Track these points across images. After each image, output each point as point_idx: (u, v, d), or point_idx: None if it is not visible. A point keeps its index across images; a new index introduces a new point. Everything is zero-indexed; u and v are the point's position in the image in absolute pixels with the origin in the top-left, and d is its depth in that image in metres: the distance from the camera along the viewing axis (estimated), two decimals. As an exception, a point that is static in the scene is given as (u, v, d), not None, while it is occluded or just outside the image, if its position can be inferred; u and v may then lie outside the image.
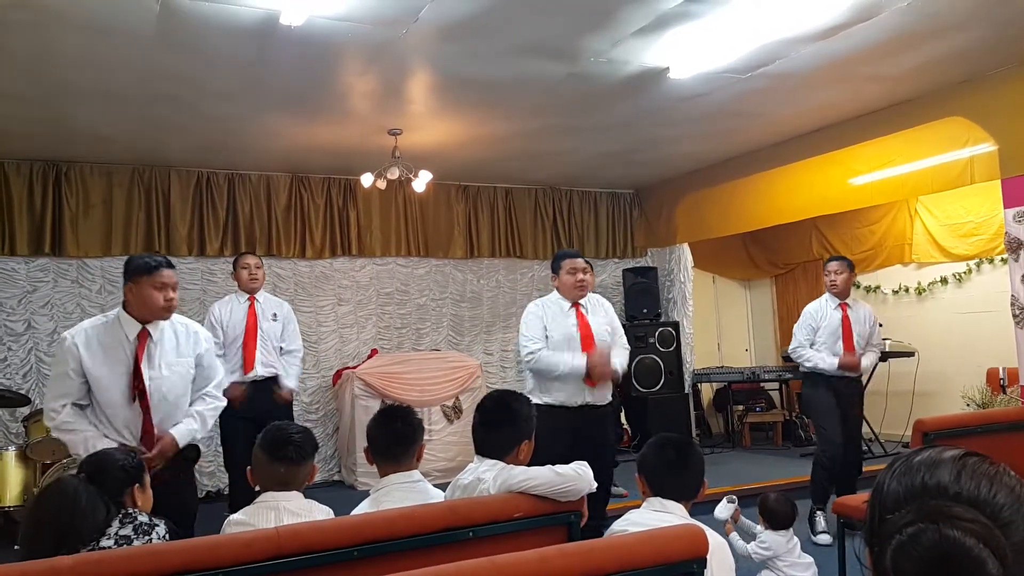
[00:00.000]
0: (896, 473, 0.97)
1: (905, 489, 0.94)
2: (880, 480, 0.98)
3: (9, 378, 6.31)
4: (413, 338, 7.92)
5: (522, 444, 2.57)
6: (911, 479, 0.94)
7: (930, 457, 0.96)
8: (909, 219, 7.81)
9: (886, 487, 0.96)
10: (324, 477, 7.16)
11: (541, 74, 4.98)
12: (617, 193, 8.92)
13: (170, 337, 3.33)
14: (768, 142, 6.96)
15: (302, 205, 7.38)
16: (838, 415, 5.00)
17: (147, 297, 3.18)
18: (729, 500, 3.78)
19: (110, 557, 1.83)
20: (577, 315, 4.32)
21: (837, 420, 5.00)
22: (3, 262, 6.38)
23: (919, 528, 0.88)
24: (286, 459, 2.46)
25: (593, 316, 4.38)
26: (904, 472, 0.96)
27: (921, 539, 0.88)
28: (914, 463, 0.96)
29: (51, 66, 4.51)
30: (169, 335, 3.33)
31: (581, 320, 4.31)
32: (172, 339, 3.33)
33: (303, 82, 4.96)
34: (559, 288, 4.41)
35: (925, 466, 0.95)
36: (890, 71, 5.21)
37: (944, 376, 7.26)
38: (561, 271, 4.39)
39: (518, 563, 1.57)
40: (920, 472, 0.94)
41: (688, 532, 1.81)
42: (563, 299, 4.38)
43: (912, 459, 0.97)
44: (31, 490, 5.36)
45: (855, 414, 5.22)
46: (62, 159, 6.49)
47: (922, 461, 0.96)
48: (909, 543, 0.88)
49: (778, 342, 9.42)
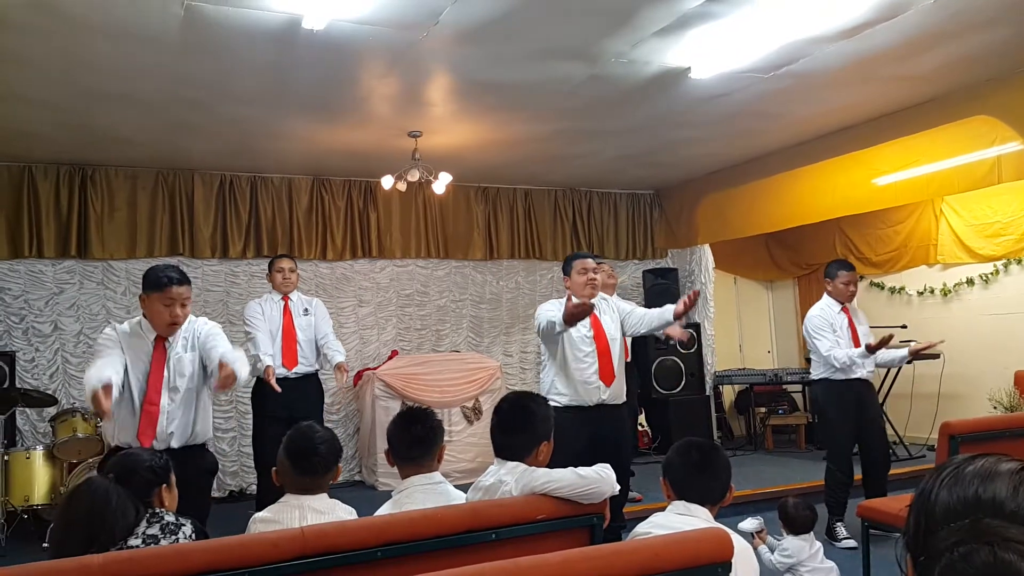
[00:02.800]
0: (946, 482, 0.92)
1: (957, 500, 0.89)
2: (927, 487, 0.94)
3: (37, 378, 6.40)
4: (433, 339, 7.94)
5: (541, 445, 2.55)
6: (963, 490, 0.90)
7: (984, 468, 0.91)
8: (934, 219, 7.72)
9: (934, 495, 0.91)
10: (345, 477, 7.20)
11: (561, 76, 4.98)
12: (637, 194, 8.89)
13: (182, 338, 3.47)
14: (791, 142, 6.91)
15: (323, 207, 7.43)
16: (855, 426, 4.92)
17: (155, 313, 3.35)
18: (754, 518, 3.78)
19: (138, 556, 1.85)
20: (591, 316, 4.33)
21: (853, 434, 4.94)
22: (31, 264, 6.48)
23: (972, 548, 0.84)
24: (309, 471, 2.48)
25: (605, 316, 4.41)
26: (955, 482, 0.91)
27: (974, 560, 0.84)
28: (966, 472, 0.91)
29: (77, 72, 4.57)
30: (182, 336, 3.47)
31: (594, 320, 4.33)
32: (184, 340, 3.47)
33: (324, 86, 4.99)
34: (571, 289, 4.45)
35: (979, 478, 0.90)
36: (915, 70, 5.16)
37: (970, 379, 7.16)
38: (572, 271, 4.45)
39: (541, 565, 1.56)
40: (973, 484, 0.89)
41: (713, 535, 1.79)
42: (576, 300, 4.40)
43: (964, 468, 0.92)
44: (58, 489, 5.43)
45: (876, 414, 5.15)
46: (88, 162, 6.57)
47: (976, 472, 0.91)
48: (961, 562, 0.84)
49: (801, 344, 9.33)
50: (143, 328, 3.39)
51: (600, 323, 4.36)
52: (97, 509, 2.13)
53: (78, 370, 6.51)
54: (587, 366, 4.28)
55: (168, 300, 3.32)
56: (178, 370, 3.39)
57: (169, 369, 3.37)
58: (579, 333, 4.29)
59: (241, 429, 6.98)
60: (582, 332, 4.30)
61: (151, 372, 3.33)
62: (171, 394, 3.36)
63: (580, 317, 4.03)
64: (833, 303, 5.10)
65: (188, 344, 3.46)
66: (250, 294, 6.84)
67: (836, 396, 4.96)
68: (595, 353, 4.29)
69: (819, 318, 5.07)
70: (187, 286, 3.40)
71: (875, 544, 3.84)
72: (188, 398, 3.41)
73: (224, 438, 6.95)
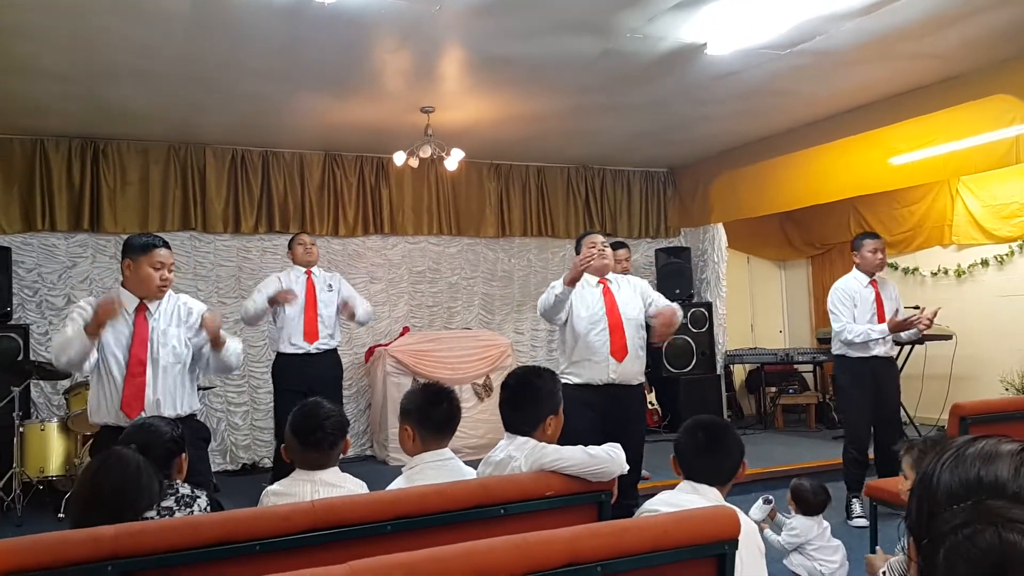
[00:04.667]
0: (947, 464, 0.92)
1: (959, 482, 0.89)
2: (929, 469, 0.94)
3: (50, 351, 6.44)
4: (444, 316, 7.95)
5: (548, 419, 2.55)
6: (965, 472, 0.89)
7: (985, 449, 0.91)
8: (950, 200, 7.64)
9: (936, 477, 0.91)
10: (357, 452, 7.26)
11: (575, 51, 4.93)
12: (651, 172, 8.84)
13: (166, 311, 3.44)
14: (806, 120, 6.84)
15: (335, 183, 7.42)
16: (870, 404, 4.88)
17: (144, 276, 3.33)
18: (766, 501, 3.75)
19: (151, 528, 1.86)
20: (604, 291, 4.31)
21: (868, 412, 4.89)
22: (44, 238, 6.52)
23: (976, 529, 0.84)
24: (316, 446, 2.49)
25: (621, 293, 4.36)
26: (956, 464, 0.91)
27: (978, 542, 0.84)
28: (967, 454, 0.91)
29: (89, 46, 4.56)
30: (165, 308, 3.44)
31: (608, 295, 4.30)
32: (168, 314, 3.44)
33: (336, 60, 4.96)
34: None
35: (980, 459, 0.90)
36: (932, 48, 5.09)
37: (983, 360, 7.13)
38: (583, 249, 4.39)
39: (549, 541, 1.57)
40: (975, 466, 0.89)
41: (720, 513, 1.79)
42: (588, 276, 4.38)
43: (965, 450, 0.92)
44: (72, 460, 5.50)
45: (893, 393, 5.08)
46: (100, 136, 6.58)
47: (977, 453, 0.91)
48: (965, 544, 0.84)
49: (813, 323, 9.31)
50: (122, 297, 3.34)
51: (614, 299, 4.30)
52: (131, 484, 2.11)
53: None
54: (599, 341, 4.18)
55: (157, 263, 3.33)
56: (162, 342, 3.37)
57: (153, 341, 3.35)
58: (589, 310, 4.26)
59: (253, 404, 7.03)
60: (593, 308, 4.27)
61: (134, 342, 3.30)
62: (154, 365, 3.33)
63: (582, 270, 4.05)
64: (861, 276, 5.00)
65: (173, 319, 3.43)
66: (262, 269, 6.87)
67: (851, 373, 4.93)
68: (607, 330, 4.24)
69: (842, 291, 4.98)
70: (170, 250, 3.42)
71: (884, 521, 3.84)
72: (173, 371, 3.38)
73: (236, 412, 7.01)
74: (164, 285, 3.37)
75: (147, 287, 3.35)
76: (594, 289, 4.32)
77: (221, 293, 7.04)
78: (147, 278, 3.33)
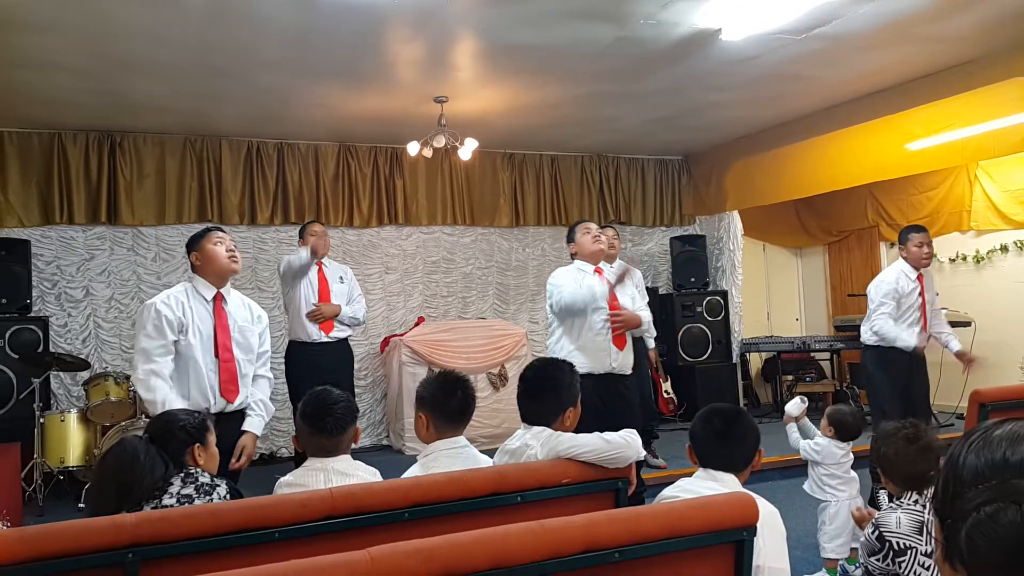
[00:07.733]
0: (974, 446, 0.93)
1: (985, 464, 0.90)
2: (955, 452, 0.95)
3: (70, 343, 6.52)
4: (459, 306, 7.96)
5: (567, 411, 2.57)
6: (991, 453, 0.90)
7: (1012, 431, 0.92)
8: (968, 185, 7.55)
9: (962, 460, 0.92)
10: (373, 441, 7.30)
11: (589, 38, 4.91)
12: (665, 160, 8.79)
13: (239, 306, 3.53)
14: (822, 106, 6.78)
15: (349, 174, 7.43)
16: (902, 395, 4.80)
17: (213, 255, 3.41)
18: (802, 399, 3.96)
19: (171, 515, 1.89)
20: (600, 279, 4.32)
21: (900, 403, 4.76)
22: (62, 230, 6.57)
23: (998, 507, 0.85)
24: (325, 431, 2.50)
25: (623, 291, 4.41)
26: (983, 446, 0.92)
27: (1000, 519, 0.85)
28: (994, 436, 0.92)
29: (105, 39, 4.58)
30: (238, 304, 3.54)
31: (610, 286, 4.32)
32: (243, 310, 3.53)
33: (350, 51, 4.96)
34: (579, 255, 4.46)
35: (1007, 441, 0.91)
36: (949, 31, 5.02)
37: (1002, 346, 7.05)
38: (576, 234, 4.46)
39: (566, 527, 1.57)
40: (1001, 447, 0.90)
41: (738, 499, 1.79)
42: (584, 264, 4.39)
43: (991, 432, 0.93)
44: (92, 451, 5.55)
45: (924, 383, 5.00)
46: (116, 129, 6.62)
47: (1003, 436, 0.92)
48: (987, 521, 0.85)
49: (830, 311, 9.25)
50: (197, 286, 3.42)
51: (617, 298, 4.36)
52: (126, 464, 2.22)
53: (110, 335, 6.64)
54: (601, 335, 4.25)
55: (217, 239, 3.44)
56: (239, 330, 3.45)
57: (233, 328, 3.43)
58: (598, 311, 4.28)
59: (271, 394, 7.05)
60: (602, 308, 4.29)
61: (217, 330, 3.37)
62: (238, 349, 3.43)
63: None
64: (909, 270, 4.91)
65: (251, 318, 3.53)
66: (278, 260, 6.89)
67: (886, 362, 4.86)
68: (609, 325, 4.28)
69: (887, 284, 4.88)
70: (227, 233, 3.52)
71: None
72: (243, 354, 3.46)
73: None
74: (233, 256, 3.44)
75: (219, 264, 3.42)
76: (592, 276, 4.33)
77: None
78: (214, 255, 3.41)
